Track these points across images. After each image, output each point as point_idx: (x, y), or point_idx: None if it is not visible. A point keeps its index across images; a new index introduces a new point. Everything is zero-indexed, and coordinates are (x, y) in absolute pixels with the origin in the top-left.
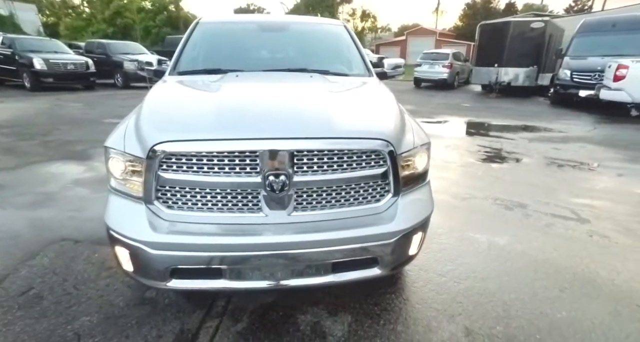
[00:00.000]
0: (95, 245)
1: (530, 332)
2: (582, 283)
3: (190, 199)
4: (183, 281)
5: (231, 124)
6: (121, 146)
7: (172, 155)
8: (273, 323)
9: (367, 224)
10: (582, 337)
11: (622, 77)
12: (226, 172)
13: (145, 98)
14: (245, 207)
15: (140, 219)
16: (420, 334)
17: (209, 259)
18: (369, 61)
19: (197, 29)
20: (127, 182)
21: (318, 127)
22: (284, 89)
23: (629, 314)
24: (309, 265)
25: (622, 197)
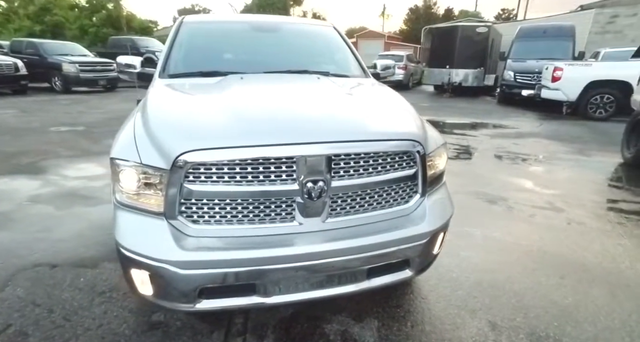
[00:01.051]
0: (78, 268)
1: (547, 320)
2: (576, 269)
3: (218, 212)
4: (213, 301)
5: (265, 130)
6: (135, 157)
7: (201, 165)
8: (301, 336)
9: (399, 225)
10: (593, 320)
11: (558, 78)
12: (260, 181)
13: (147, 104)
14: (279, 216)
15: (163, 237)
16: (449, 332)
17: (243, 274)
18: (363, 62)
19: (182, 29)
20: (142, 196)
21: (353, 130)
22: (300, 91)
23: (623, 294)
24: (346, 273)
25: (584, 186)
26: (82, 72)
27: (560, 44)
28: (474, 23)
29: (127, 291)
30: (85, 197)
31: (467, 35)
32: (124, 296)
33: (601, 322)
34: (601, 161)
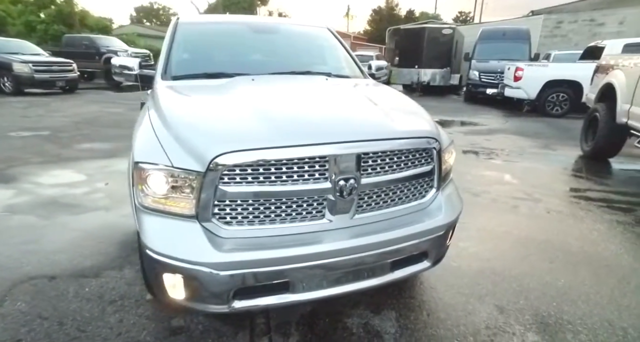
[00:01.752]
0: (79, 278)
1: (547, 301)
2: (562, 253)
3: (252, 212)
4: (247, 301)
5: (297, 130)
6: (164, 161)
7: (236, 167)
8: (325, 331)
9: (419, 219)
10: (585, 298)
11: (520, 78)
12: (294, 180)
13: (162, 107)
14: (309, 215)
15: (198, 239)
16: (463, 318)
17: (278, 273)
18: (360, 63)
19: (179, 29)
20: (170, 199)
21: (380, 129)
22: (315, 92)
23: (604, 273)
24: (372, 266)
25: (554, 178)
26: (36, 73)
27: (518, 46)
28: (439, 25)
29: (139, 298)
30: (69, 206)
31: (434, 37)
32: (136, 303)
33: (592, 300)
34: (565, 154)
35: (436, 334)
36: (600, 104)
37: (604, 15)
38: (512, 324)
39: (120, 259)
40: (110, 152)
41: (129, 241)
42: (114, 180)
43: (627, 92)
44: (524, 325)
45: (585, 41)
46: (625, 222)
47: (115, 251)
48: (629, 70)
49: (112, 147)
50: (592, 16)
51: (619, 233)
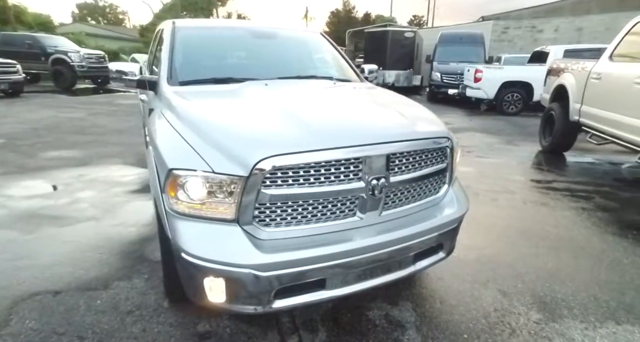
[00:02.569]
0: (87, 291)
1: (540, 283)
2: (543, 239)
3: (290, 214)
4: (286, 300)
5: (333, 133)
6: (203, 166)
7: (278, 170)
8: (350, 325)
9: (436, 213)
10: (571, 278)
11: (479, 79)
12: (331, 181)
13: (184, 112)
14: (342, 213)
15: (241, 242)
16: (473, 303)
17: (316, 271)
18: (355, 67)
19: (178, 35)
20: (208, 204)
21: (405, 130)
22: (332, 96)
23: (582, 255)
24: (400, 259)
25: (523, 171)
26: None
27: (474, 49)
28: (402, 28)
29: (156, 306)
30: (53, 218)
31: (397, 39)
32: (155, 312)
33: (576, 279)
34: (526, 150)
35: (452, 320)
36: (555, 104)
37: (542, 23)
38: (516, 306)
39: (125, 269)
40: (82, 160)
41: (130, 251)
42: (96, 189)
43: (577, 92)
44: (526, 305)
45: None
46: (588, 208)
47: (117, 261)
48: (578, 73)
49: (83, 154)
50: (533, 23)
51: (585, 218)
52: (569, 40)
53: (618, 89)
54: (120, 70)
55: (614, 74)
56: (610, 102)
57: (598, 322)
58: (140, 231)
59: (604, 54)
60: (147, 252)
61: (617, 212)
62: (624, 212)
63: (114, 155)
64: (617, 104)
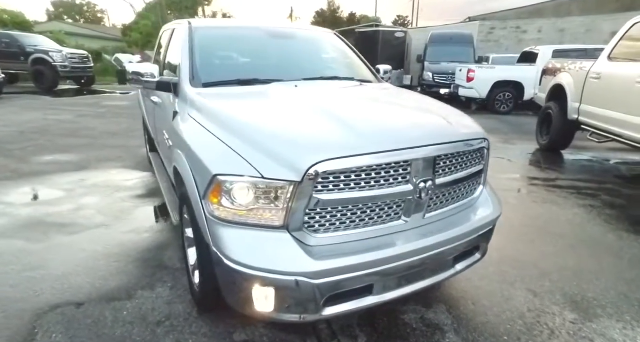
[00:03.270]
0: (111, 302)
1: (567, 281)
2: (559, 237)
3: (339, 219)
4: (336, 307)
5: (382, 137)
6: (251, 172)
7: (330, 174)
8: (388, 330)
9: (473, 214)
10: (597, 276)
11: (472, 78)
12: (381, 185)
13: (220, 116)
14: (388, 217)
15: (292, 250)
16: (505, 303)
17: (366, 276)
18: (371, 67)
19: (196, 35)
20: (255, 211)
21: (449, 132)
22: (366, 98)
23: (601, 252)
24: (443, 261)
25: (525, 169)
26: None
27: (464, 50)
28: (393, 28)
29: (187, 316)
30: (60, 225)
31: (388, 39)
32: (187, 322)
33: (602, 277)
34: (525, 148)
35: (489, 321)
36: (552, 103)
37: (527, 24)
38: (548, 305)
39: (147, 278)
40: (80, 165)
41: (147, 259)
42: (100, 194)
43: (576, 92)
44: (558, 305)
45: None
46: (596, 206)
47: (136, 269)
48: (575, 73)
49: (79, 158)
50: (518, 24)
51: (596, 216)
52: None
53: (619, 88)
54: (137, 71)
55: (614, 74)
56: (611, 101)
57: (635, 321)
58: (154, 238)
59: (602, 55)
60: (165, 259)
61: (625, 209)
62: (631, 208)
63: (112, 159)
64: (618, 103)
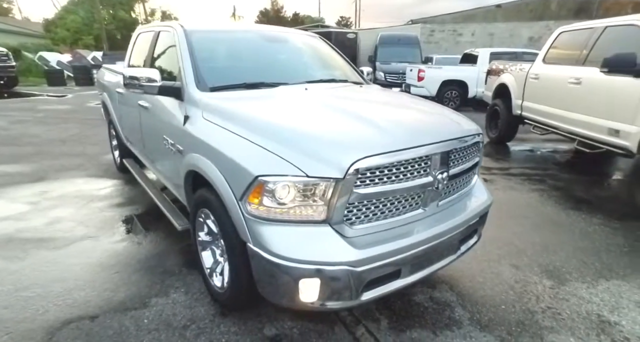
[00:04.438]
0: (127, 311)
1: (540, 255)
2: (523, 218)
3: (372, 211)
4: (371, 292)
5: (408, 134)
6: (293, 171)
7: (367, 170)
8: (405, 311)
9: (473, 200)
10: (560, 248)
11: (422, 78)
12: (407, 178)
13: (248, 119)
14: (411, 207)
15: (336, 242)
16: (495, 278)
17: (398, 262)
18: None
19: (193, 38)
20: (297, 208)
21: (457, 129)
22: (374, 98)
23: (558, 229)
24: (453, 243)
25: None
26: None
27: (411, 50)
28: (345, 30)
29: (211, 317)
30: (38, 240)
31: (341, 40)
32: (214, 323)
33: (564, 249)
34: None
35: (487, 294)
36: (498, 100)
37: (462, 27)
38: (530, 276)
39: (156, 285)
40: (35, 176)
41: (150, 267)
42: (73, 205)
43: (518, 90)
44: (537, 275)
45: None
46: (545, 189)
47: (142, 278)
48: (517, 74)
49: (32, 169)
50: (454, 27)
51: (547, 198)
52: (483, 43)
53: (555, 87)
54: (133, 76)
55: (550, 75)
56: (548, 98)
57: (594, 281)
58: (150, 246)
59: (537, 58)
60: (168, 266)
61: (567, 190)
62: (570, 190)
63: (72, 168)
64: (555, 100)
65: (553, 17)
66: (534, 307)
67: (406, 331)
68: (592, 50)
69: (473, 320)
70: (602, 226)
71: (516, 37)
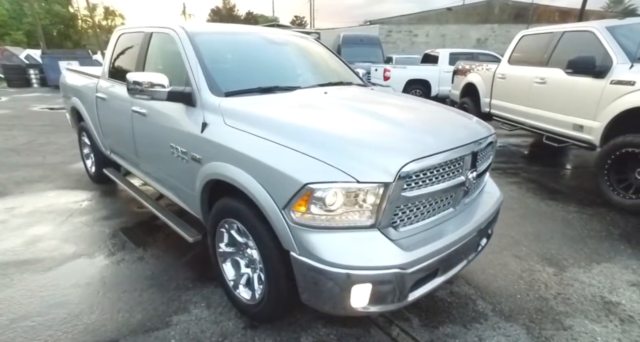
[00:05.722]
0: (150, 332)
1: (535, 244)
2: (512, 210)
3: (414, 212)
4: (416, 292)
5: (444, 137)
6: (343, 177)
7: (414, 173)
8: (431, 307)
9: (487, 197)
10: (551, 237)
11: (388, 77)
12: (444, 178)
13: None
14: (444, 206)
15: (385, 245)
16: (503, 269)
17: (439, 261)
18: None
19: (198, 41)
20: (346, 214)
21: (481, 130)
22: (399, 101)
23: (542, 219)
24: (476, 240)
25: None
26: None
27: (373, 50)
28: (307, 30)
29: (242, 331)
30: (21, 263)
31: None
32: (247, 336)
33: (554, 237)
34: None
35: (501, 285)
36: (467, 98)
37: (417, 28)
38: (533, 265)
39: (174, 302)
40: None
41: (161, 284)
42: (50, 222)
43: (486, 89)
44: (540, 263)
45: (408, 48)
46: (521, 182)
47: (154, 296)
48: (484, 73)
49: None
50: (410, 28)
51: (526, 190)
52: (436, 44)
53: (522, 86)
54: (138, 81)
55: (516, 75)
56: (516, 96)
57: (587, 265)
58: (155, 261)
59: (503, 59)
60: (182, 281)
61: (540, 182)
62: (544, 181)
63: (35, 180)
64: (522, 98)
65: (496, 20)
66: (545, 294)
67: (439, 327)
68: (554, 53)
69: (496, 311)
70: (578, 213)
71: (465, 38)
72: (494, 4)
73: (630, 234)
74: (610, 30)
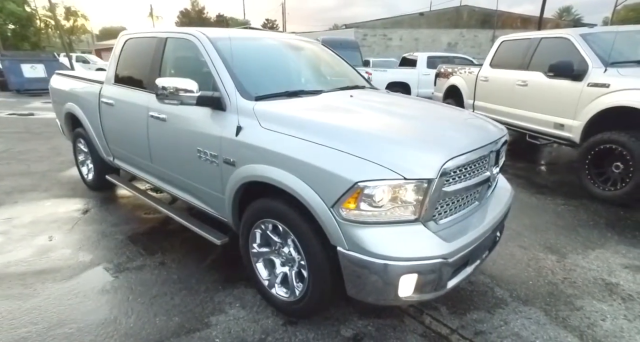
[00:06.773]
0: (191, 334)
1: (538, 235)
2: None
3: (450, 206)
4: (452, 280)
5: (475, 135)
6: (390, 175)
7: (452, 169)
8: (454, 296)
9: (501, 190)
10: (552, 229)
11: (370, 80)
12: (475, 174)
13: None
14: (472, 199)
15: (429, 237)
16: (512, 259)
17: (473, 251)
18: None
19: (220, 47)
20: (392, 209)
21: (499, 130)
22: (418, 104)
23: (539, 210)
24: (495, 232)
25: None
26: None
27: (353, 54)
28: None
29: (283, 328)
30: (38, 273)
31: None
32: (288, 333)
33: (550, 227)
34: None
35: (513, 273)
36: (450, 100)
37: (391, 32)
38: (537, 254)
39: (208, 304)
40: None
41: (191, 286)
42: (58, 230)
43: (469, 91)
44: (543, 252)
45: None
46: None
47: (187, 299)
48: (466, 76)
49: None
50: (385, 32)
51: (516, 185)
52: (410, 47)
53: (504, 88)
54: (167, 86)
55: (498, 77)
56: (499, 97)
57: (584, 252)
58: (177, 265)
59: (485, 62)
60: (211, 283)
61: (527, 178)
62: (530, 177)
63: (26, 190)
64: (505, 99)
65: (465, 25)
66: (554, 279)
67: (466, 314)
68: (533, 58)
69: (514, 297)
70: (565, 206)
71: (437, 42)
72: (463, 11)
73: (613, 222)
74: (584, 37)
